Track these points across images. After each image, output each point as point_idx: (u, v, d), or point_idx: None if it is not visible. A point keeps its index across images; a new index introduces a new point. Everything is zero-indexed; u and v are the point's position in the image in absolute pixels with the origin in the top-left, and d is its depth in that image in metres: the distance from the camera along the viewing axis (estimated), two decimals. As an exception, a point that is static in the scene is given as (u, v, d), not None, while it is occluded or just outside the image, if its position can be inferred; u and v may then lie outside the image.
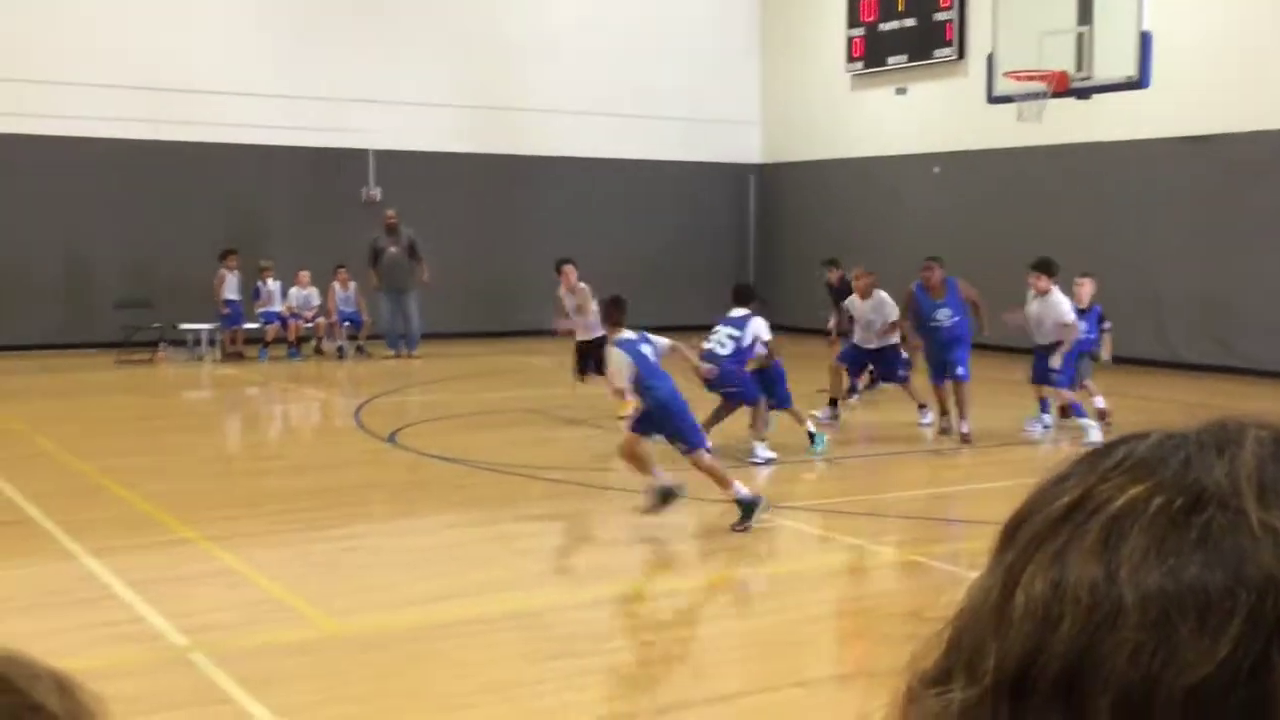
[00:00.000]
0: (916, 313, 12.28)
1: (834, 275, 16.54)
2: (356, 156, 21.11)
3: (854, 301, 13.07)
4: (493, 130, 21.99)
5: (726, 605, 7.45)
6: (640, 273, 20.98)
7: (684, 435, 8.60)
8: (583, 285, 13.63)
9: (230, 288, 19.21)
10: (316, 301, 19.51)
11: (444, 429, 12.87)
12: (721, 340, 11.13)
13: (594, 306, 12.95)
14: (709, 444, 8.87)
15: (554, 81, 22.26)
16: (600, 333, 12.74)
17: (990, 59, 15.54)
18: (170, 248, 19.63)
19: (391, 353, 19.09)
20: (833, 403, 12.89)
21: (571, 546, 8.93)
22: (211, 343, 19.06)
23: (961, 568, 7.67)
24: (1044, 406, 12.40)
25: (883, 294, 12.84)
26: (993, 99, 15.63)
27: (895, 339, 12.81)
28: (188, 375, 17.73)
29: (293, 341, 19.23)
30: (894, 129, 22.10)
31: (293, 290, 19.38)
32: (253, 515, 9.20)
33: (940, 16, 21.30)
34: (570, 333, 13.70)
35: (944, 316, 11.98)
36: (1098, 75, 14.40)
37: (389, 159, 21.27)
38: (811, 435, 11.56)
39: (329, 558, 8.26)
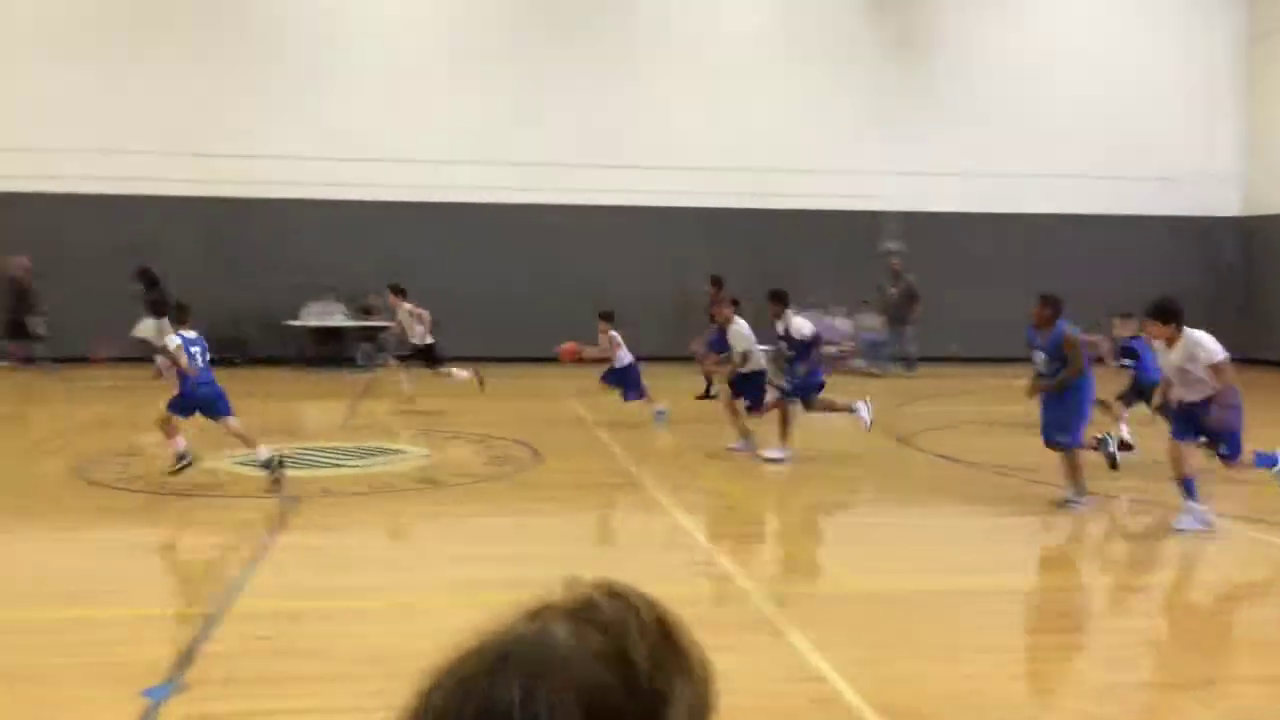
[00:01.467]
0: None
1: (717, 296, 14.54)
2: (872, 217, 21.18)
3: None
4: (985, 193, 21.24)
5: (1183, 603, 6.82)
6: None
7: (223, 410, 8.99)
8: (421, 310, 13.97)
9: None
10: (845, 330, 19.84)
11: (944, 434, 12.66)
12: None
13: (420, 326, 13.88)
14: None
15: (1023, 147, 21.22)
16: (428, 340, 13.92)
17: None
18: (735, 288, 20.54)
19: (900, 372, 19.04)
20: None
21: (1052, 540, 8.49)
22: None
23: None
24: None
25: (740, 323, 11.36)
26: None
27: (756, 367, 11.27)
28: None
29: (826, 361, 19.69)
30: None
31: (825, 320, 19.86)
32: (798, 491, 9.53)
33: None
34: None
35: (1039, 361, 8.74)
36: None
37: (901, 219, 21.20)
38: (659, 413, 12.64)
39: (857, 532, 8.41)
